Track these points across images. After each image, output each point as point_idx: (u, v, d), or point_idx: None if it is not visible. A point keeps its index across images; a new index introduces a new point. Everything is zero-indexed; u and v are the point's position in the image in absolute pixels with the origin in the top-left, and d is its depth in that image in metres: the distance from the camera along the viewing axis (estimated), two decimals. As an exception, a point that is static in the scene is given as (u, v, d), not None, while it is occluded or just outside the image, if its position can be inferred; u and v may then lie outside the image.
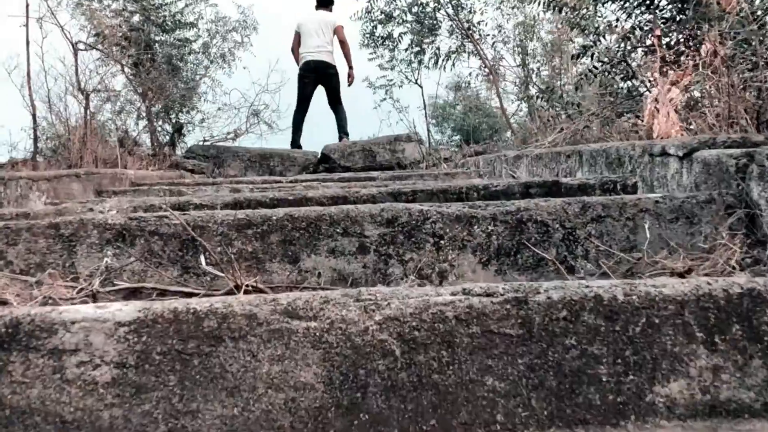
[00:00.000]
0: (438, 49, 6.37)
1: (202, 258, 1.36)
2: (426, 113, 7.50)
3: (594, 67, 3.43)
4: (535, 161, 2.97)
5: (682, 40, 3.22)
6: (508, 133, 11.89)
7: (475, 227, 1.45)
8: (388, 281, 1.41)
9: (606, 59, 3.62)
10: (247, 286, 1.29)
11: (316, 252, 1.43)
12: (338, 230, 1.44)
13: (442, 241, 1.44)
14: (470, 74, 7.06)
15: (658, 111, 2.29)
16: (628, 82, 3.17)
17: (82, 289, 1.32)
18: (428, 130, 7.43)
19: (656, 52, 2.73)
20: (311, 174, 6.55)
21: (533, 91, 4.30)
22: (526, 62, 6.47)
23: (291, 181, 3.69)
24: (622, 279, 1.25)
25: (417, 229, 1.44)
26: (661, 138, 2.22)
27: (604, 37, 3.85)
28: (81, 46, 4.97)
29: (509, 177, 3.17)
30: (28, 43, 4.42)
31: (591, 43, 3.88)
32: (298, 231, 1.44)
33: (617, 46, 3.70)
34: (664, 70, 2.58)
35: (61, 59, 4.78)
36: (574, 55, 3.84)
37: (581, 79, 3.69)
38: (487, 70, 6.81)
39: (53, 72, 6.03)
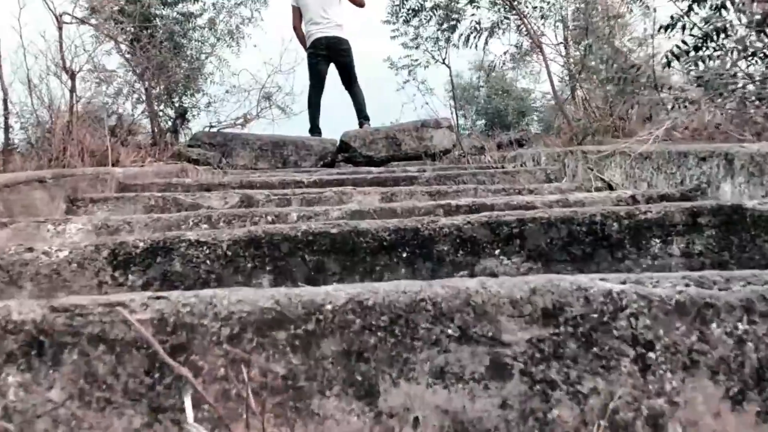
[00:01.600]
0: (478, 23, 5.60)
1: (188, 404, 0.67)
2: (454, 96, 6.75)
3: (704, 39, 2.69)
4: (639, 162, 2.26)
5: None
6: (529, 118, 11.10)
7: (713, 326, 0.76)
8: None
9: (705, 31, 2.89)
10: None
11: (408, 375, 0.74)
12: (450, 331, 0.75)
13: (650, 354, 0.75)
14: (505, 52, 6.30)
15: None
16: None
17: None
18: (456, 116, 6.69)
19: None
20: (331, 167, 5.87)
21: (603, 71, 3.55)
22: (573, 38, 5.71)
23: (315, 183, 3.00)
24: None
25: (602, 329, 0.75)
26: None
27: (698, 4, 3.10)
28: (67, 18, 4.30)
29: (597, 182, 2.46)
30: None
31: (681, 14, 3.14)
32: (375, 333, 0.75)
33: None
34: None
35: (41, 34, 4.08)
36: (663, 26, 3.09)
37: (673, 58, 2.95)
38: (527, 47, 6.05)
39: (33, 49, 5.32)
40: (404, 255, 1.24)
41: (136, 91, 6.16)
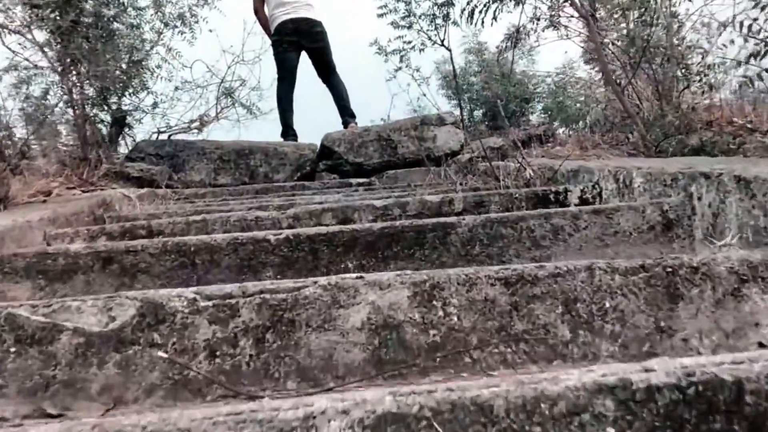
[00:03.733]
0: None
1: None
2: (457, 85, 5.57)
3: None
4: None
5: None
6: (540, 106, 9.96)
7: None
8: None
9: None
10: None
11: None
12: None
13: None
14: (522, 27, 5.12)
15: None
16: None
17: None
18: (461, 109, 5.52)
19: None
20: (311, 179, 4.66)
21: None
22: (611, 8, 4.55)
23: (288, 243, 1.81)
24: None
25: None
26: None
27: None
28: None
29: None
30: None
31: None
32: None
33: None
34: None
35: None
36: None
37: None
38: (545, 18, 4.88)
39: None
40: None
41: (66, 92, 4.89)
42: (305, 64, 5.29)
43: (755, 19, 2.49)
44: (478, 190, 2.96)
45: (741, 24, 2.59)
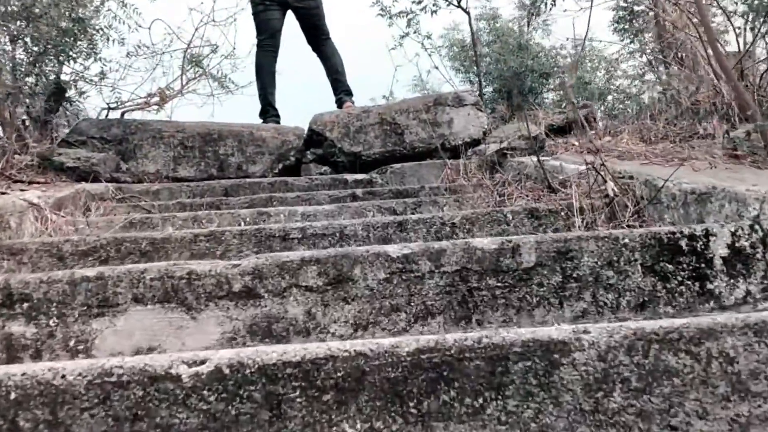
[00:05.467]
0: None
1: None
2: (477, 57, 4.56)
3: None
4: None
5: None
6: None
7: None
8: None
9: None
10: None
11: None
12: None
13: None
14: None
15: None
16: None
17: None
18: (480, 87, 4.52)
19: None
20: (296, 174, 3.66)
21: None
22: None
23: (252, 278, 0.84)
24: None
25: None
26: None
27: None
28: None
29: None
30: None
31: None
32: None
33: None
34: None
35: None
36: None
37: None
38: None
39: None
40: None
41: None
42: (291, 27, 4.26)
43: None
44: (537, 215, 2.00)
45: None
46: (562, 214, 2.00)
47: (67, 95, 4.04)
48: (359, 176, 3.58)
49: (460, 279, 1.41)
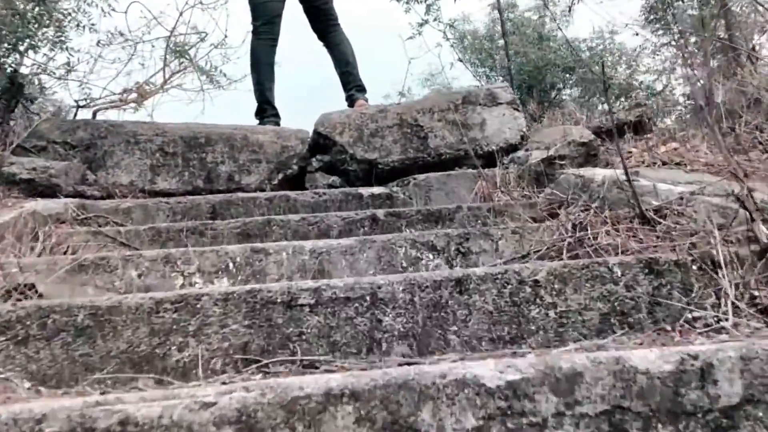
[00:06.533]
0: None
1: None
2: (506, 46, 3.93)
3: None
4: None
5: None
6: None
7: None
8: None
9: None
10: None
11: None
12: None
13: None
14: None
15: None
16: None
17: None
18: (511, 77, 3.88)
19: None
20: (299, 187, 3.00)
21: None
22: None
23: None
24: None
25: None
26: None
27: None
28: None
29: None
30: None
31: None
32: None
33: None
34: None
35: None
36: None
37: None
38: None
39: None
40: None
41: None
42: (294, 10, 3.61)
43: None
44: (656, 269, 1.37)
45: None
46: (694, 268, 1.37)
47: (26, 92, 3.40)
48: (376, 190, 2.95)
49: (607, 417, 0.79)
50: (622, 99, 7.99)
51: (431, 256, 1.88)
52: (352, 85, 3.53)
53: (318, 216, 2.45)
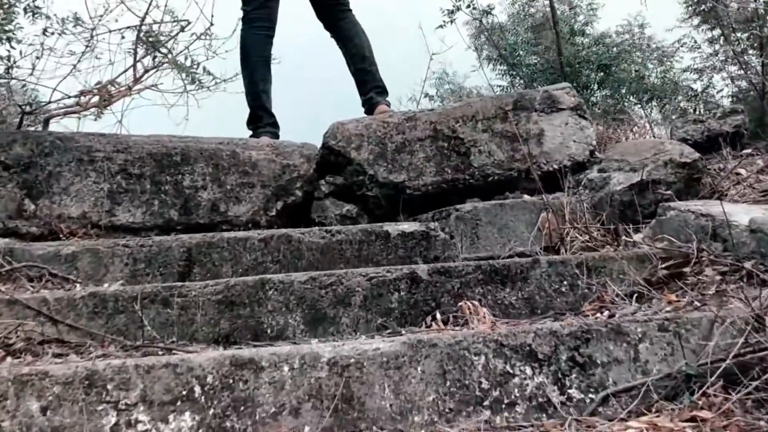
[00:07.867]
0: None
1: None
2: (558, 36, 3.19)
3: None
4: None
5: None
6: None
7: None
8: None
9: None
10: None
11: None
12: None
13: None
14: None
15: None
16: None
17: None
18: (563, 73, 3.14)
19: None
20: (304, 222, 2.22)
21: None
22: None
23: None
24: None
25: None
26: None
27: None
28: None
29: None
30: None
31: None
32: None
33: None
34: None
35: None
36: None
37: None
38: None
39: None
40: None
41: None
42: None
43: None
44: None
45: None
46: None
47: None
48: (406, 226, 2.21)
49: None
50: (654, 101, 7.30)
51: (529, 371, 1.13)
52: (370, 86, 2.77)
53: (333, 275, 1.71)
